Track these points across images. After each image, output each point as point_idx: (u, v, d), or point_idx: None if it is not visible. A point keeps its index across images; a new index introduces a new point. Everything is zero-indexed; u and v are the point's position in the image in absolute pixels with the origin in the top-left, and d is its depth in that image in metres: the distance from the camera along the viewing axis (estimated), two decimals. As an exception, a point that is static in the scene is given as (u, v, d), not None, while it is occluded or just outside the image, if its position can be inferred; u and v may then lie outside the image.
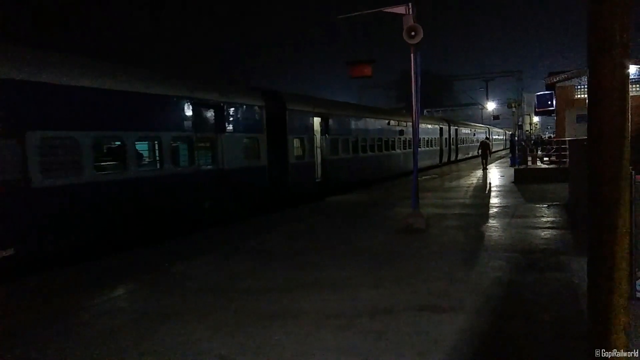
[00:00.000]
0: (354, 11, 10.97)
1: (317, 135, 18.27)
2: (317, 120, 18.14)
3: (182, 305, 5.93)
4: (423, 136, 30.26)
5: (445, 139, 37.14)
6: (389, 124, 25.27)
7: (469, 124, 52.32)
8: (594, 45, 2.77)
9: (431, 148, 33.26)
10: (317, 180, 18.02)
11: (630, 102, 2.78)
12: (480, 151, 28.64)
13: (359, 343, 4.62)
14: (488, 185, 19.60)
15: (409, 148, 27.27)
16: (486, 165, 28.13)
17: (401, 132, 26.83)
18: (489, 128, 60.96)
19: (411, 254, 8.13)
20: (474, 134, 49.99)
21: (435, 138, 34.20)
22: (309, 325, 5.09)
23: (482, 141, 29.96)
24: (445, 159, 36.99)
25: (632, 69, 20.41)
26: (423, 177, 23.66)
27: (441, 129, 36.03)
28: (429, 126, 33.36)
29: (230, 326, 5.15)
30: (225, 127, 12.82)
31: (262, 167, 14.58)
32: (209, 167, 12.40)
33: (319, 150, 18.30)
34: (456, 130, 41.10)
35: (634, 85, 20.85)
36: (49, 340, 4.97)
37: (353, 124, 21.14)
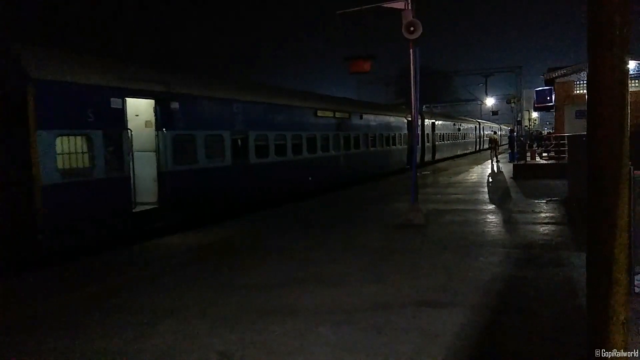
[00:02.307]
0: (353, 7, 10.95)
1: (144, 130, 11.06)
2: (138, 104, 10.78)
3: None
4: (376, 132, 23.07)
5: (417, 134, 29.20)
6: (316, 114, 17.51)
7: (454, 117, 45.27)
8: (593, 41, 2.77)
9: (392, 147, 25.28)
10: (135, 211, 10.28)
11: (629, 98, 2.78)
12: (490, 145, 31.95)
13: (358, 338, 4.63)
14: (487, 181, 19.61)
15: (355, 148, 20.63)
16: (495, 158, 30.23)
17: (340, 127, 19.39)
18: (479, 122, 54.35)
19: (410, 250, 8.14)
20: (460, 129, 42.40)
21: (400, 134, 26.56)
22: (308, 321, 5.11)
23: (491, 137, 32.89)
24: (416, 160, 29.46)
25: (632, 65, 20.40)
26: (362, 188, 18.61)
27: (409, 122, 27.18)
28: (391, 118, 25.50)
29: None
30: None
31: None
32: None
33: (151, 156, 10.83)
34: (433, 124, 33.25)
35: (633, 81, 20.84)
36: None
37: (237, 113, 13.27)
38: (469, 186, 17.89)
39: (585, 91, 18.28)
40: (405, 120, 27.50)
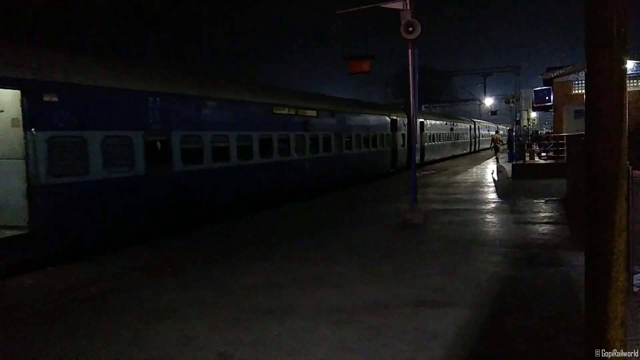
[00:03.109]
0: (352, 7, 10.96)
1: (11, 131, 8.53)
2: (1, 96, 8.46)
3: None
4: (352, 132, 20.27)
5: (403, 134, 26.01)
6: (272, 111, 14.87)
7: (447, 116, 42.73)
8: (591, 40, 2.77)
9: (373, 149, 22.34)
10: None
11: (628, 97, 2.78)
12: (492, 144, 34.99)
13: (357, 338, 4.63)
14: (485, 181, 19.61)
15: (325, 151, 17.81)
16: (497, 156, 32.15)
17: (305, 126, 16.58)
18: (474, 122, 51.39)
19: (409, 250, 8.14)
20: (452, 129, 39.18)
21: (382, 135, 23.47)
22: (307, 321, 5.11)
23: (494, 136, 36.11)
24: (403, 162, 25.46)
25: (630, 64, 20.42)
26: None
27: (393, 121, 24.97)
28: (372, 117, 22.74)
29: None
30: None
31: None
32: None
33: (19, 164, 8.16)
34: (422, 123, 30.12)
35: (631, 81, 20.86)
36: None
37: (154, 108, 10.40)
38: (468, 186, 17.89)
39: (583, 91, 18.28)
40: (389, 119, 24.76)
